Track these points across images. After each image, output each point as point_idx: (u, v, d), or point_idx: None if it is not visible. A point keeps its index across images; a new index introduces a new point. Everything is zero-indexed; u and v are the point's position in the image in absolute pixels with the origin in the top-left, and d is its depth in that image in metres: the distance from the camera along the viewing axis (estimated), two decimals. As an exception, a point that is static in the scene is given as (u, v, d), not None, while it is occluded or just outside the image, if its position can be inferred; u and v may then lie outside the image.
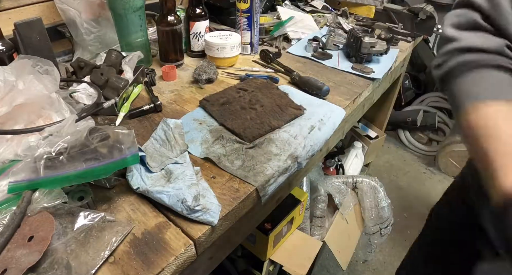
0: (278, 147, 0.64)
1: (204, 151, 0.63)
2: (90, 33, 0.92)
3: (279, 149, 0.64)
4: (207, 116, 0.73)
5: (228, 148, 0.64)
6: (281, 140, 0.65)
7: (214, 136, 0.66)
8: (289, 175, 0.63)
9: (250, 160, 0.61)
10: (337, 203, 1.56)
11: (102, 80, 0.75)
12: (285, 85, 0.88)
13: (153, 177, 0.56)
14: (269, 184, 0.59)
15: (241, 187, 0.57)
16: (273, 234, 1.21)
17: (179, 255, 0.47)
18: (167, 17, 0.89)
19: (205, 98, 0.77)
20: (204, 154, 0.62)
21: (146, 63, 0.93)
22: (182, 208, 0.50)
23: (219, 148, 0.64)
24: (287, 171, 0.62)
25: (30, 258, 0.42)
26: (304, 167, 0.68)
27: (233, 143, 0.64)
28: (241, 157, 0.61)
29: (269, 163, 0.61)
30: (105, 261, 0.45)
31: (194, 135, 0.67)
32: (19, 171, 0.49)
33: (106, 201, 0.54)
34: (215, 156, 0.62)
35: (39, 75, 0.61)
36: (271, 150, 0.63)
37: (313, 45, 1.05)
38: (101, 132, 0.54)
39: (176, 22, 0.90)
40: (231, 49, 0.93)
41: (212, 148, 0.63)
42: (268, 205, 0.71)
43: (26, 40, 0.72)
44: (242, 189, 0.57)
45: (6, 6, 0.88)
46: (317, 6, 1.39)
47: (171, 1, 0.88)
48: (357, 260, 1.56)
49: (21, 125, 0.59)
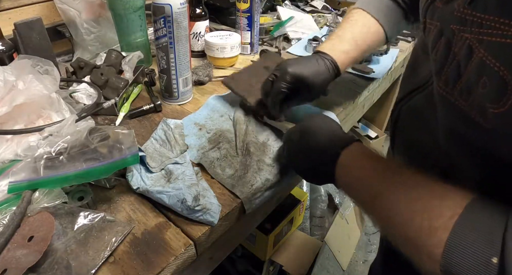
0: (271, 158, 0.62)
1: (199, 156, 0.62)
2: (90, 33, 0.92)
3: (271, 160, 0.62)
4: (208, 119, 0.73)
5: (223, 151, 0.63)
6: (273, 151, 0.64)
7: (212, 143, 0.65)
8: (278, 190, 0.61)
9: (243, 169, 0.59)
10: (337, 203, 1.56)
11: (102, 80, 0.75)
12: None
13: (153, 177, 0.56)
14: (255, 197, 0.57)
15: (241, 187, 0.57)
16: (273, 234, 1.21)
17: (179, 255, 0.47)
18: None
19: (231, 76, 0.77)
20: (199, 158, 0.62)
21: (146, 63, 0.93)
22: (182, 208, 0.50)
23: (213, 151, 0.63)
24: (275, 186, 0.60)
25: (30, 258, 0.42)
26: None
27: (229, 149, 0.64)
28: (233, 166, 0.60)
29: (260, 173, 0.59)
30: (105, 261, 0.45)
31: (192, 141, 0.66)
32: (19, 171, 0.49)
33: (106, 201, 0.54)
34: (207, 162, 0.61)
35: (39, 75, 0.61)
36: (263, 159, 0.61)
37: (313, 45, 1.05)
38: (101, 132, 0.54)
39: (176, 22, 0.90)
40: (231, 49, 0.93)
41: (207, 152, 0.63)
42: (268, 205, 0.71)
43: (26, 40, 0.72)
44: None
45: (6, 6, 0.88)
46: (317, 6, 1.39)
47: (171, 1, 0.88)
48: (357, 260, 1.56)
49: (21, 125, 0.59)
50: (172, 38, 0.69)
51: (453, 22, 0.38)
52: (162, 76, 0.76)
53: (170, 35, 0.69)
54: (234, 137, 0.67)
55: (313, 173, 0.52)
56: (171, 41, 0.70)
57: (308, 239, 1.40)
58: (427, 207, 0.34)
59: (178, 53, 0.72)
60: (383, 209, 0.38)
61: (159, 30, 0.69)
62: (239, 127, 0.67)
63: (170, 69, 0.74)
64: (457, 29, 0.37)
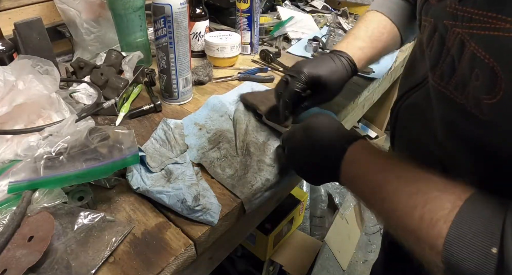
0: (271, 159, 0.62)
1: (199, 156, 0.62)
2: (90, 33, 0.92)
3: (271, 160, 0.62)
4: (208, 118, 0.72)
5: (224, 151, 0.63)
6: (273, 151, 0.64)
7: (212, 143, 0.65)
8: (278, 190, 0.61)
9: (243, 169, 0.59)
10: (337, 203, 1.56)
11: (102, 80, 0.75)
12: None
13: (153, 177, 0.56)
14: (255, 198, 0.57)
15: (241, 187, 0.57)
16: (273, 234, 1.21)
17: (179, 255, 0.47)
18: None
19: (251, 92, 0.78)
20: (199, 158, 0.62)
21: (146, 63, 0.93)
22: (182, 208, 0.50)
23: (213, 151, 0.63)
24: (275, 186, 0.60)
25: (30, 258, 0.42)
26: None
27: (229, 149, 0.64)
28: (233, 166, 0.60)
29: (260, 173, 0.59)
30: (105, 261, 0.45)
31: (192, 141, 0.66)
32: (19, 171, 0.49)
33: (106, 201, 0.54)
34: (207, 162, 0.60)
35: (39, 75, 0.61)
36: (263, 159, 0.61)
37: (313, 45, 1.05)
38: (101, 132, 0.54)
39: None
40: (231, 49, 0.93)
41: (208, 152, 0.63)
42: (268, 205, 0.71)
43: (26, 40, 0.72)
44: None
45: (6, 6, 0.88)
46: (317, 6, 1.39)
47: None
48: (357, 260, 1.56)
49: (21, 125, 0.59)
50: (172, 38, 0.69)
51: (446, 17, 0.39)
52: (162, 76, 0.76)
53: (170, 35, 0.69)
54: (234, 137, 0.67)
55: (315, 171, 0.51)
56: (171, 41, 0.70)
57: (308, 239, 1.40)
58: (428, 200, 0.34)
59: (178, 53, 0.72)
60: (385, 202, 0.38)
61: (159, 30, 0.69)
62: (239, 127, 0.67)
63: (170, 69, 0.74)
64: (450, 24, 0.38)
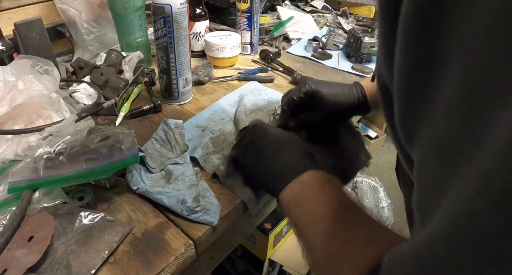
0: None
1: (203, 157, 0.61)
2: (90, 33, 0.92)
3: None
4: (210, 120, 0.72)
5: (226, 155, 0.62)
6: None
7: (216, 147, 0.64)
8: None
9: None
10: (337, 203, 1.56)
11: (102, 80, 0.75)
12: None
13: (153, 177, 0.56)
14: (259, 198, 0.57)
15: (241, 187, 0.57)
16: (273, 234, 1.21)
17: (179, 255, 0.47)
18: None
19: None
20: (203, 160, 0.61)
21: (146, 63, 0.93)
22: (182, 209, 0.50)
23: (218, 158, 0.62)
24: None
25: (30, 258, 0.42)
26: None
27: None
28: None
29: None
30: (105, 261, 0.45)
31: (196, 142, 0.65)
32: (19, 171, 0.49)
33: (106, 201, 0.54)
34: (211, 169, 0.59)
35: (39, 75, 0.61)
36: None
37: (313, 45, 1.05)
38: (101, 132, 0.54)
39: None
40: (231, 49, 0.93)
41: (212, 156, 0.62)
42: (268, 205, 0.71)
43: (26, 40, 0.72)
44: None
45: (6, 6, 0.88)
46: (317, 6, 1.39)
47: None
48: (357, 260, 1.56)
49: (21, 125, 0.59)
50: (172, 38, 0.69)
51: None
52: (162, 76, 0.76)
53: (170, 35, 0.69)
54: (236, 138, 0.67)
55: (258, 184, 0.55)
56: (171, 41, 0.70)
57: (308, 239, 1.40)
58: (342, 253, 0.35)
59: (178, 53, 0.72)
60: (311, 240, 0.40)
61: (159, 30, 0.69)
62: (242, 124, 0.68)
63: (170, 69, 0.74)
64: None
